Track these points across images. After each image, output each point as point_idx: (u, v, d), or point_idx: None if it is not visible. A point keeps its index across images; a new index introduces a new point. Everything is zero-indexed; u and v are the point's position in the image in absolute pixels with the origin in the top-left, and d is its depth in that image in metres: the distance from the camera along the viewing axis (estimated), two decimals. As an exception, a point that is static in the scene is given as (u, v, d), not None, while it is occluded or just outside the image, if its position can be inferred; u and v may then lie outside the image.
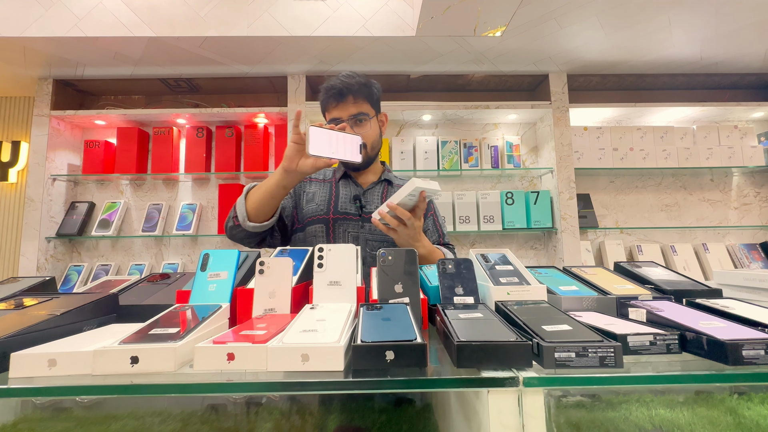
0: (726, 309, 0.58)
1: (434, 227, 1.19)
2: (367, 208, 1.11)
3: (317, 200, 1.13)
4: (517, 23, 1.70)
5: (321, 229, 1.09)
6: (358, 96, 1.08)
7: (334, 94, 1.07)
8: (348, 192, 1.14)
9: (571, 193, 2.13)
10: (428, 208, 1.19)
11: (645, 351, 0.48)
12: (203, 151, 2.24)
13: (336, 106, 1.08)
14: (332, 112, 1.09)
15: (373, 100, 1.12)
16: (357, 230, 1.09)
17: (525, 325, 0.50)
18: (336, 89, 1.06)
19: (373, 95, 1.12)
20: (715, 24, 1.76)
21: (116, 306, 0.66)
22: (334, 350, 0.42)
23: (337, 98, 1.07)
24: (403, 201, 0.86)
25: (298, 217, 1.15)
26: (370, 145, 1.11)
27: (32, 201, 2.08)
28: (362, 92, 1.09)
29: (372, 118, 1.11)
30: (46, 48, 1.86)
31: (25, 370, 0.43)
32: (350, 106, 1.08)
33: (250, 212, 1.01)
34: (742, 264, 2.18)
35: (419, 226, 0.91)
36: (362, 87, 1.09)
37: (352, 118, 1.07)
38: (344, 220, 1.10)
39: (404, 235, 0.91)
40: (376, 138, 1.14)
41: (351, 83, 1.07)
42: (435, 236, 1.18)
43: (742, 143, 2.27)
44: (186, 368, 0.44)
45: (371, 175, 1.20)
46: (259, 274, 0.63)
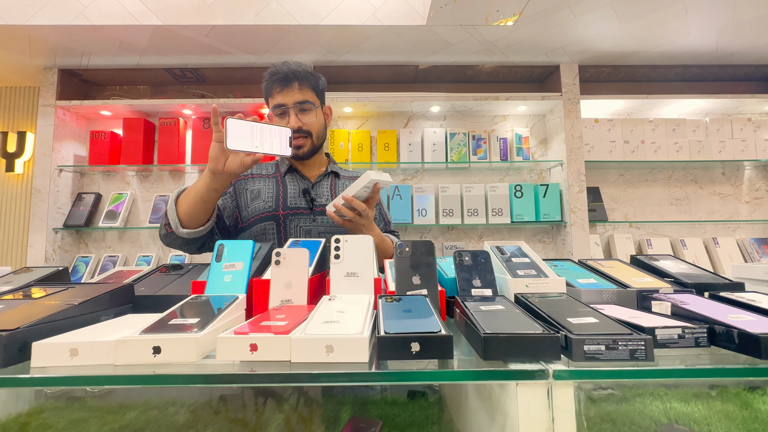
0: (752, 302, 0.57)
1: (380, 215, 1.20)
2: (318, 201, 1.09)
3: (264, 197, 1.09)
4: (529, 12, 1.66)
5: (271, 226, 1.07)
6: (303, 83, 1.06)
7: (280, 78, 1.05)
8: (296, 186, 1.11)
9: (581, 186, 2.11)
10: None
11: (673, 344, 0.47)
12: (209, 141, 2.22)
13: (281, 91, 1.05)
14: (276, 97, 1.06)
15: (319, 90, 1.11)
16: (309, 224, 1.07)
17: (549, 318, 0.49)
18: (281, 74, 1.05)
19: (318, 85, 1.11)
20: (733, 13, 1.71)
21: (132, 296, 0.66)
22: (359, 341, 0.42)
23: (282, 83, 1.05)
24: (358, 193, 0.88)
25: (242, 215, 1.10)
26: (315, 135, 1.10)
27: (39, 192, 2.08)
28: (308, 80, 1.07)
29: (317, 107, 1.10)
30: (51, 37, 1.84)
31: (46, 359, 0.42)
32: (295, 92, 1.05)
33: (182, 218, 0.93)
34: (752, 258, 2.16)
35: (372, 215, 0.94)
36: (308, 75, 1.08)
37: (297, 104, 1.05)
38: (295, 215, 1.07)
39: (359, 225, 0.93)
40: (321, 128, 1.12)
41: (297, 70, 1.06)
42: (382, 224, 1.19)
43: (756, 136, 2.23)
44: (206, 359, 0.44)
45: (317, 167, 1.18)
46: (275, 264, 0.63)
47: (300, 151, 1.09)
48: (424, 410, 0.65)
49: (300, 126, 1.06)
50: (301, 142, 1.08)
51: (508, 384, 0.41)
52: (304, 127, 1.07)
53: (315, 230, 1.07)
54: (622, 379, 0.40)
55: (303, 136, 1.08)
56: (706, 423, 0.63)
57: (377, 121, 2.35)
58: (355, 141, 2.23)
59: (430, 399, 0.68)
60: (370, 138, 2.26)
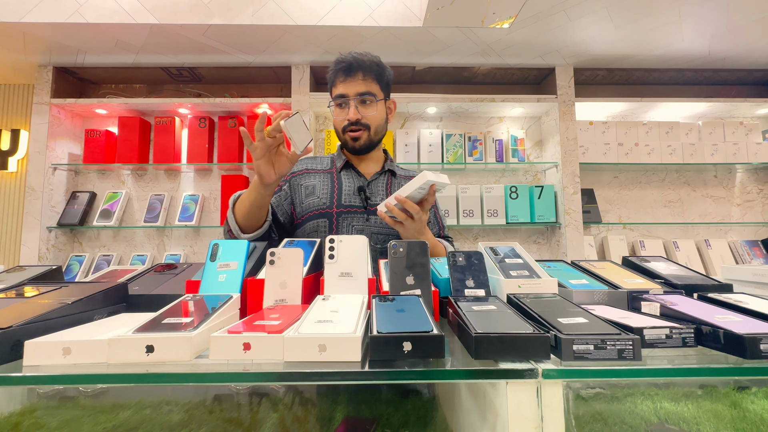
0: (739, 303, 0.58)
1: (435, 219, 1.16)
2: (372, 200, 1.07)
3: (318, 193, 1.07)
4: (526, 14, 1.68)
5: (324, 224, 1.05)
6: (368, 74, 1.03)
7: (344, 68, 1.02)
8: (351, 183, 1.09)
9: (575, 187, 2.12)
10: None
11: (661, 344, 0.47)
12: (205, 141, 2.22)
13: (344, 80, 1.03)
14: (338, 87, 1.04)
15: (383, 83, 1.07)
16: (362, 224, 1.05)
17: (540, 318, 0.50)
18: (346, 63, 1.02)
19: (383, 77, 1.07)
20: (726, 18, 1.74)
21: (126, 295, 0.66)
22: (352, 341, 0.42)
23: (346, 72, 1.02)
24: (413, 194, 0.83)
25: (297, 212, 1.09)
26: (373, 129, 1.06)
27: (33, 190, 2.07)
28: (373, 71, 1.04)
29: (380, 100, 1.06)
30: (46, 34, 1.83)
31: (39, 358, 0.42)
32: (359, 83, 1.03)
33: (241, 225, 0.94)
34: (744, 260, 2.19)
35: (425, 219, 0.89)
36: (374, 66, 1.04)
37: (358, 96, 1.03)
38: (349, 213, 1.05)
39: (411, 228, 0.88)
40: (381, 122, 1.08)
41: (363, 60, 1.03)
42: (436, 228, 1.15)
43: (747, 140, 2.26)
44: (200, 358, 0.44)
45: (374, 164, 1.14)
46: (269, 264, 0.63)
47: (356, 144, 1.06)
48: (417, 409, 0.66)
49: (358, 119, 1.03)
50: (358, 134, 1.05)
51: (499, 383, 0.41)
52: (362, 120, 1.04)
53: (367, 230, 1.04)
54: (610, 378, 0.40)
55: (361, 129, 1.04)
56: (695, 422, 0.64)
57: (374, 121, 2.35)
58: (351, 141, 2.24)
59: (424, 398, 0.68)
60: (366, 138, 2.26)
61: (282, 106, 2.17)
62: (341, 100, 1.04)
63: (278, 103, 2.15)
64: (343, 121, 1.05)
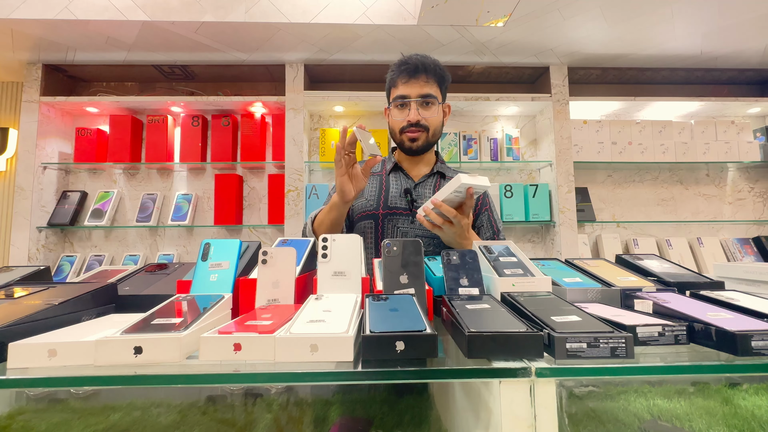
0: (731, 301, 0.58)
1: (489, 223, 1.11)
2: (419, 203, 1.07)
3: (366, 195, 1.09)
4: (520, 13, 1.68)
5: (370, 225, 1.05)
6: (431, 76, 1.04)
7: (409, 68, 1.03)
8: (398, 185, 1.09)
9: (569, 186, 2.13)
10: (484, 202, 1.13)
11: (653, 342, 0.47)
12: (199, 140, 2.20)
13: (407, 82, 1.03)
14: (400, 88, 1.04)
15: (443, 87, 1.08)
16: (407, 226, 1.05)
17: (534, 316, 0.50)
18: (411, 64, 1.03)
19: (444, 81, 1.08)
20: (717, 17, 1.75)
21: (115, 296, 0.65)
22: (344, 340, 0.42)
23: (410, 73, 1.03)
24: (449, 198, 0.81)
25: (350, 214, 1.10)
26: (432, 131, 1.07)
27: (22, 189, 2.03)
28: (435, 74, 1.04)
29: (439, 104, 1.07)
30: (35, 31, 1.80)
31: (24, 360, 0.41)
32: (422, 84, 1.03)
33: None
34: (735, 258, 2.21)
35: (467, 224, 0.86)
36: (437, 69, 1.05)
37: (421, 97, 1.03)
38: (394, 215, 1.06)
39: (450, 233, 0.86)
40: (439, 125, 1.09)
41: (426, 62, 1.03)
42: (489, 233, 1.11)
43: (739, 138, 2.28)
44: (190, 359, 0.43)
45: (424, 166, 1.14)
46: (262, 264, 0.62)
47: (414, 144, 1.06)
48: (411, 409, 0.66)
49: (419, 120, 1.04)
50: (417, 135, 1.05)
51: (492, 382, 0.41)
52: (422, 122, 1.04)
53: (412, 232, 1.04)
54: (603, 376, 0.40)
55: (420, 130, 1.05)
56: (688, 419, 0.64)
57: (368, 120, 2.35)
58: (346, 140, 2.23)
59: (418, 397, 0.68)
60: (361, 137, 2.25)
61: (276, 104, 2.16)
62: (402, 101, 1.04)
63: (272, 102, 2.13)
64: (403, 122, 1.06)
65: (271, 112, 2.28)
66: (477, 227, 1.12)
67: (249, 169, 2.31)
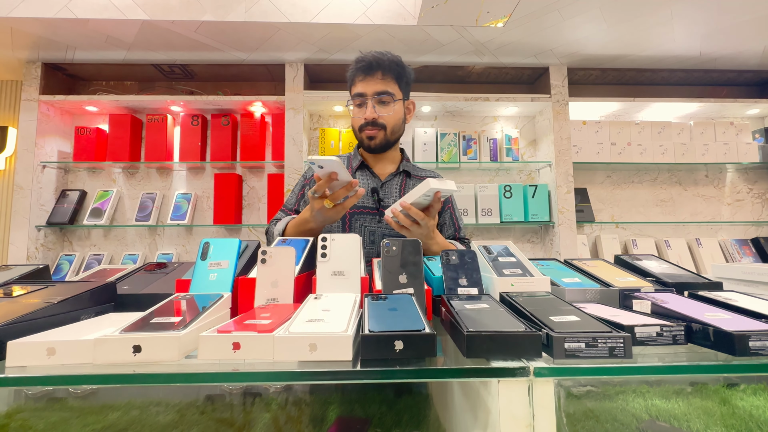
0: (729, 301, 0.58)
1: (451, 221, 1.15)
2: (385, 202, 1.07)
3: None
4: (519, 14, 1.68)
5: (337, 225, 1.06)
6: (387, 73, 1.03)
7: (363, 66, 1.03)
8: (365, 184, 1.09)
9: (568, 187, 2.13)
10: (446, 201, 1.16)
11: (652, 342, 0.48)
12: (198, 139, 2.20)
13: (363, 79, 1.03)
14: (357, 86, 1.04)
15: (403, 83, 1.07)
16: (374, 225, 1.05)
17: (532, 316, 0.50)
18: (366, 62, 1.02)
19: (403, 77, 1.07)
20: (716, 19, 1.75)
21: (114, 295, 0.65)
22: (343, 340, 0.42)
23: (365, 71, 1.03)
24: (418, 200, 0.83)
25: None
26: (390, 129, 1.06)
27: (21, 188, 2.03)
28: (392, 71, 1.04)
29: (398, 100, 1.06)
30: (35, 29, 1.80)
31: (22, 358, 0.41)
32: (377, 82, 1.03)
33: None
34: (734, 259, 2.22)
35: (433, 225, 0.88)
36: (393, 65, 1.04)
37: (377, 95, 1.03)
38: (361, 214, 1.06)
39: (417, 233, 0.87)
40: (399, 123, 1.08)
41: (382, 59, 1.03)
42: (451, 230, 1.15)
43: (738, 140, 2.29)
44: (189, 358, 0.43)
45: (389, 164, 1.15)
46: (261, 263, 0.62)
47: (372, 143, 1.06)
48: (410, 408, 0.66)
49: (375, 118, 1.03)
50: (374, 134, 1.05)
51: (490, 381, 0.41)
52: (378, 120, 1.04)
53: (379, 231, 1.05)
54: (601, 375, 0.40)
55: (377, 129, 1.05)
56: (685, 419, 0.64)
57: (368, 120, 2.35)
58: (345, 140, 2.23)
59: (417, 397, 0.68)
60: (361, 137, 2.25)
61: (276, 104, 2.16)
62: (360, 100, 1.05)
63: (272, 101, 2.13)
64: (361, 120, 1.06)
65: (270, 112, 2.27)
66: (440, 225, 1.14)
67: (248, 168, 2.31)
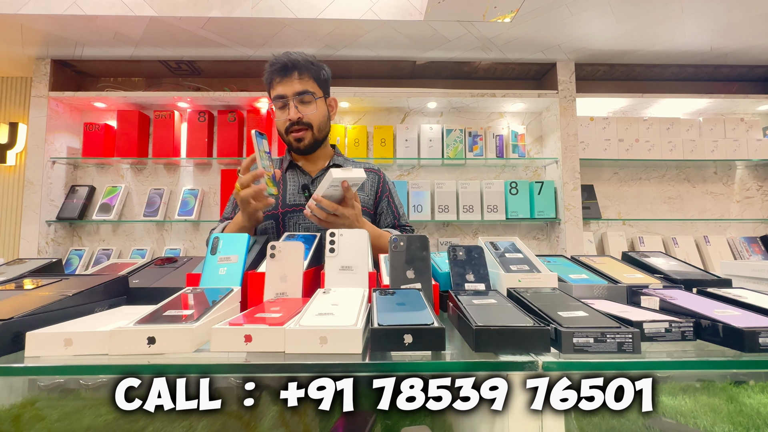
0: (738, 298, 0.58)
1: (389, 209, 1.16)
2: None
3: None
4: (527, 9, 1.66)
5: (271, 225, 1.06)
6: (303, 73, 1.04)
7: (279, 68, 1.03)
8: (296, 182, 1.10)
9: (575, 183, 2.12)
10: (384, 189, 1.17)
11: (660, 338, 0.48)
12: (205, 135, 2.21)
13: (280, 81, 1.04)
14: (276, 88, 1.04)
15: (321, 80, 1.08)
16: (309, 221, 1.05)
17: (540, 311, 0.50)
18: (280, 63, 1.03)
19: (320, 75, 1.08)
20: (728, 13, 1.73)
21: (126, 288, 0.66)
22: (353, 333, 0.42)
23: (281, 73, 1.03)
24: (329, 193, 0.83)
25: None
26: (316, 127, 1.07)
27: (32, 184, 2.06)
28: (309, 70, 1.05)
29: (319, 98, 1.07)
30: (44, 26, 1.81)
31: (41, 349, 0.43)
32: (295, 82, 1.03)
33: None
34: (742, 257, 2.19)
35: (353, 214, 0.87)
36: (308, 65, 1.05)
37: (297, 95, 1.03)
38: (294, 212, 1.06)
39: (340, 225, 0.87)
40: (323, 120, 1.09)
41: (297, 59, 1.03)
42: (390, 218, 1.16)
43: (748, 136, 2.25)
44: (201, 350, 0.44)
45: (321, 161, 1.15)
46: (270, 258, 0.63)
47: (301, 144, 1.07)
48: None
49: (300, 117, 1.04)
50: (301, 135, 1.06)
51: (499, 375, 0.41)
52: (303, 119, 1.04)
53: (314, 227, 1.05)
54: (609, 370, 0.40)
55: (304, 128, 1.05)
56: (692, 416, 0.64)
57: (374, 116, 2.34)
58: (351, 136, 2.23)
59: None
60: (366, 133, 2.25)
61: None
62: (281, 101, 1.05)
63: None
64: (285, 121, 1.05)
65: (276, 108, 2.28)
66: (378, 213, 1.15)
67: (254, 164, 2.32)
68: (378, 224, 1.16)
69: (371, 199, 1.15)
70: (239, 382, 0.68)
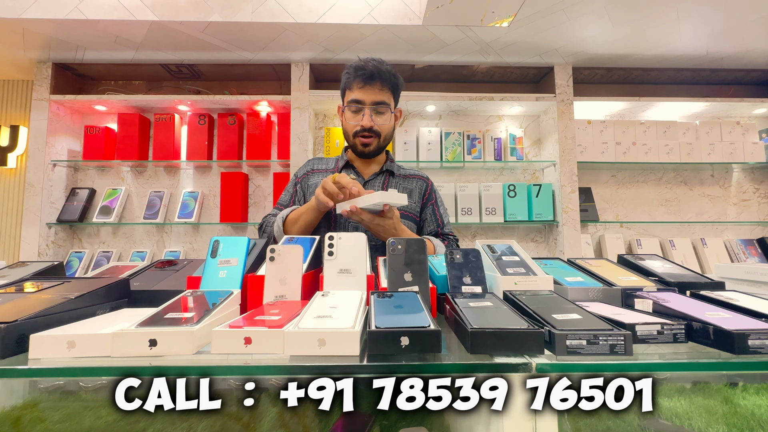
0: (730, 300, 0.59)
1: (433, 217, 1.19)
2: None
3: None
4: (524, 13, 1.68)
5: (324, 223, 1.09)
6: (385, 84, 1.07)
7: (364, 75, 1.05)
8: None
9: (573, 186, 2.13)
10: (429, 197, 1.20)
11: (652, 340, 0.49)
12: (205, 138, 2.23)
13: (362, 87, 1.06)
14: (355, 92, 1.07)
15: (397, 93, 1.12)
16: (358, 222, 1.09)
17: (535, 314, 0.51)
18: (368, 71, 1.05)
19: (398, 88, 1.11)
20: (723, 18, 1.74)
21: (128, 291, 0.66)
22: (351, 335, 0.43)
23: (366, 79, 1.05)
24: (368, 207, 0.88)
25: None
26: (383, 136, 1.11)
27: (32, 186, 2.07)
28: (390, 82, 1.07)
29: (391, 112, 1.11)
30: (46, 30, 1.83)
31: (44, 351, 0.43)
32: (376, 91, 1.06)
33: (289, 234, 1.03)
34: (739, 259, 2.21)
35: (390, 223, 0.92)
36: (391, 76, 1.08)
37: (374, 104, 1.06)
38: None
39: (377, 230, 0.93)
40: (390, 131, 1.14)
41: (382, 69, 1.05)
42: (433, 226, 1.18)
43: (744, 139, 2.27)
44: (201, 352, 0.45)
45: (375, 164, 1.19)
46: (269, 261, 0.64)
47: (366, 149, 1.11)
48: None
49: (372, 126, 1.07)
50: (369, 141, 1.09)
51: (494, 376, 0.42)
52: (375, 128, 1.08)
53: (362, 228, 1.07)
54: (602, 372, 0.41)
55: (372, 136, 1.09)
56: (687, 417, 0.65)
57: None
58: (350, 139, 2.24)
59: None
60: (365, 136, 2.27)
61: (282, 103, 2.17)
62: (356, 106, 1.07)
63: (278, 101, 2.15)
64: (356, 126, 1.09)
65: (276, 111, 2.29)
66: (422, 220, 1.18)
67: (254, 167, 2.33)
68: (421, 231, 1.19)
69: (417, 205, 1.18)
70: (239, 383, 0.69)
